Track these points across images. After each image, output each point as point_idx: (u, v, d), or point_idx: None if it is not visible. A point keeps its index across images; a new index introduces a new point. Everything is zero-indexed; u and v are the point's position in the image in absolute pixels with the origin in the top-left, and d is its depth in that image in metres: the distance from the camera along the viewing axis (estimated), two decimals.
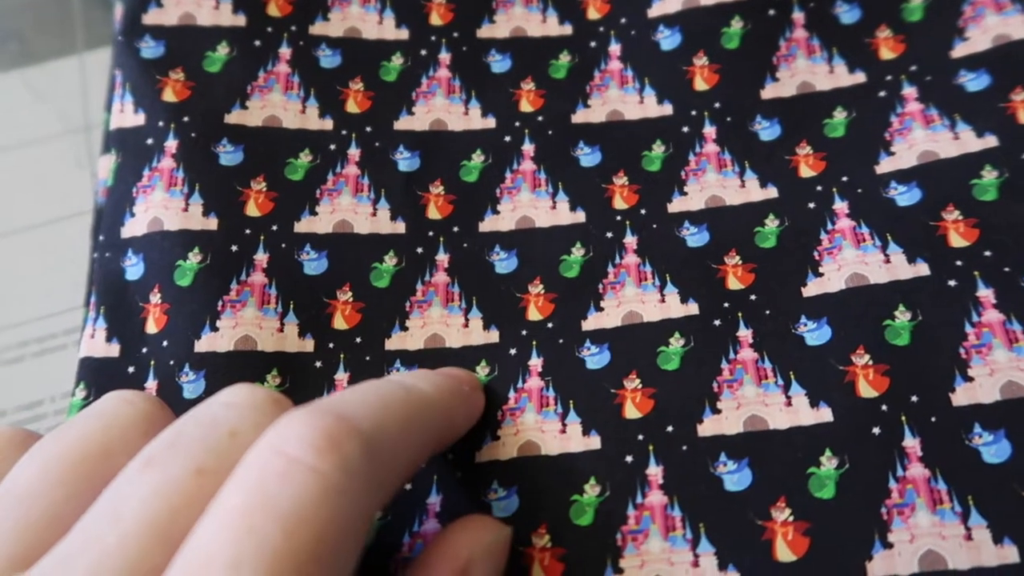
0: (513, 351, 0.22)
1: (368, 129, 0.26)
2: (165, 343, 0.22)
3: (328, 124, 0.26)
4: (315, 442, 0.14)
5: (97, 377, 0.22)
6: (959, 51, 0.25)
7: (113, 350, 0.22)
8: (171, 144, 0.25)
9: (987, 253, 0.22)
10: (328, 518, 0.14)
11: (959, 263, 0.22)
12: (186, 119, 0.25)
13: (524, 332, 0.22)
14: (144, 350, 0.22)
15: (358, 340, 0.23)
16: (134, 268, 0.23)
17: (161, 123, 0.25)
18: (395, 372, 0.22)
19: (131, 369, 0.22)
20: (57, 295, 0.26)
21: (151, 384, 0.22)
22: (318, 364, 0.22)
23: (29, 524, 0.15)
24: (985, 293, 0.21)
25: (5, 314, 0.26)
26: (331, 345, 0.22)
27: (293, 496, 0.14)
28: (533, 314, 0.23)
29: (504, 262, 0.23)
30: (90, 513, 0.15)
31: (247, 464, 0.14)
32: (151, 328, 0.22)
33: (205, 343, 0.22)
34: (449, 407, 0.19)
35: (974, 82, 0.24)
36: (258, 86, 0.26)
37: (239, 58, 0.26)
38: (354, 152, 0.25)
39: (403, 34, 0.27)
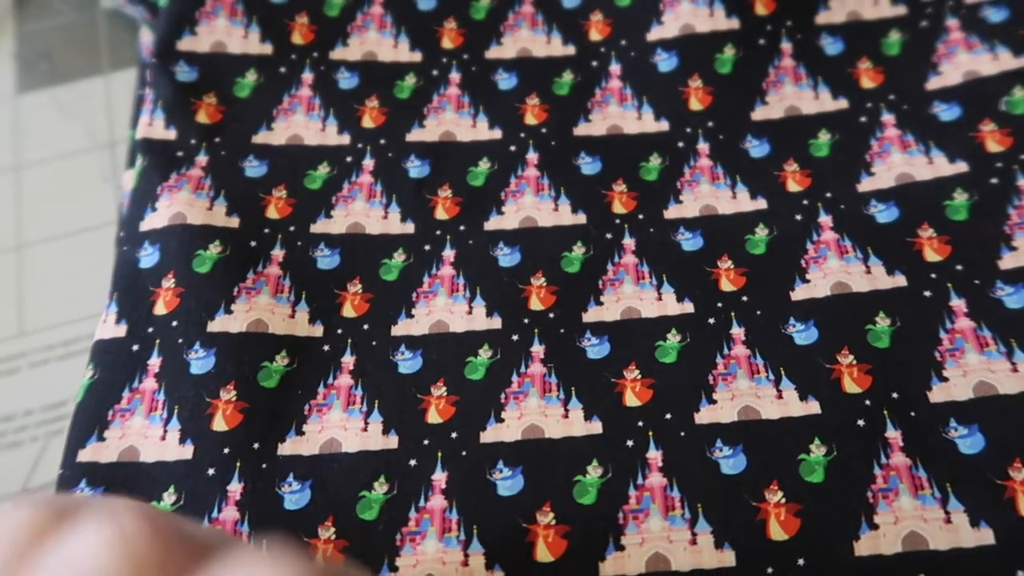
0: (515, 337, 0.23)
1: (382, 142, 0.27)
2: (175, 323, 0.23)
3: (345, 139, 0.27)
4: None
5: (103, 357, 0.23)
6: (933, 84, 0.27)
7: (120, 331, 0.23)
8: (201, 159, 0.26)
9: (959, 267, 0.23)
10: None
11: (933, 275, 0.23)
12: (217, 139, 0.27)
13: (526, 320, 0.23)
14: (150, 330, 0.23)
15: (365, 327, 0.23)
16: (148, 257, 0.24)
17: (193, 141, 0.26)
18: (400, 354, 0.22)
19: (135, 347, 0.23)
20: (81, 301, 0.27)
21: (154, 361, 0.22)
22: (326, 348, 0.23)
23: None
24: (958, 303, 0.23)
25: (32, 319, 0.27)
26: (339, 331, 0.23)
27: None
28: (535, 304, 0.24)
29: (508, 256, 0.25)
30: None
31: None
32: (160, 310, 0.23)
33: (218, 324, 0.23)
34: None
35: (946, 112, 0.26)
36: (283, 109, 0.27)
37: (266, 84, 0.28)
38: (368, 163, 0.27)
39: (416, 56, 0.29)
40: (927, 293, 0.23)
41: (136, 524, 0.12)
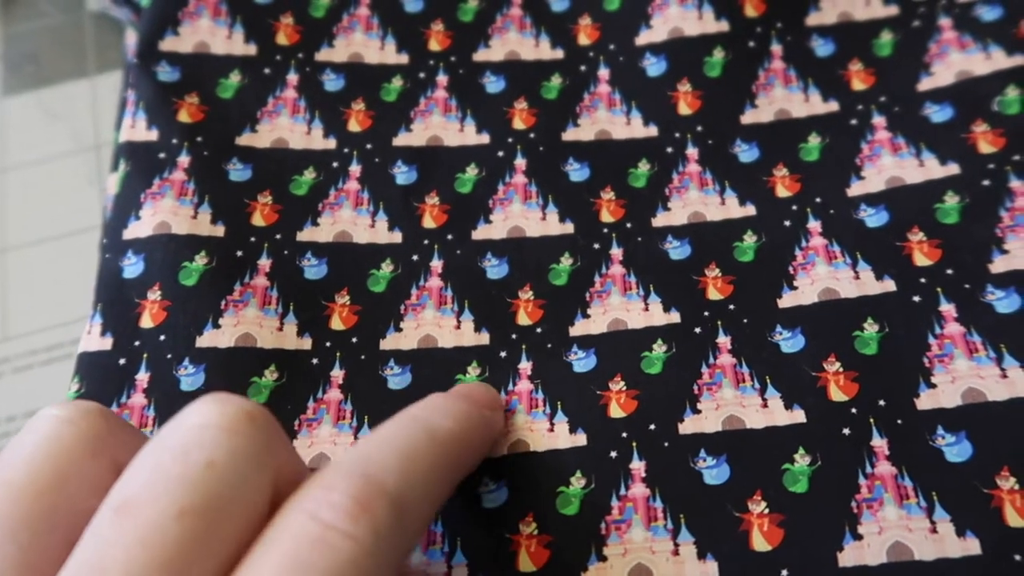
0: (503, 354, 0.23)
1: (368, 146, 0.27)
2: (162, 337, 0.23)
3: (331, 143, 0.27)
4: (347, 508, 0.15)
5: (89, 370, 0.23)
6: (925, 85, 0.27)
7: (106, 343, 0.23)
8: (184, 160, 0.26)
9: (949, 271, 0.23)
10: None
11: (923, 280, 0.23)
12: (199, 139, 0.26)
13: (514, 336, 0.23)
14: (136, 343, 0.23)
15: (354, 340, 0.23)
16: (132, 267, 0.24)
17: (175, 140, 0.26)
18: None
19: (122, 361, 0.23)
20: (65, 306, 0.27)
21: (142, 376, 0.22)
22: (315, 361, 0.23)
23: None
24: (947, 308, 0.23)
25: (15, 324, 0.27)
26: (328, 344, 0.23)
27: (330, 562, 0.14)
28: (523, 319, 0.24)
29: (495, 268, 0.25)
30: (73, 563, 0.14)
31: (280, 528, 0.15)
32: (146, 323, 0.23)
33: (207, 339, 0.23)
34: (471, 439, 0.19)
35: (938, 114, 0.26)
36: (267, 111, 0.27)
37: (250, 86, 0.28)
38: (355, 168, 0.26)
39: (403, 59, 0.29)
40: (916, 298, 0.23)
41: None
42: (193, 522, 0.14)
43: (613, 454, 0.21)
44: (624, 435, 0.21)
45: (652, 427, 0.21)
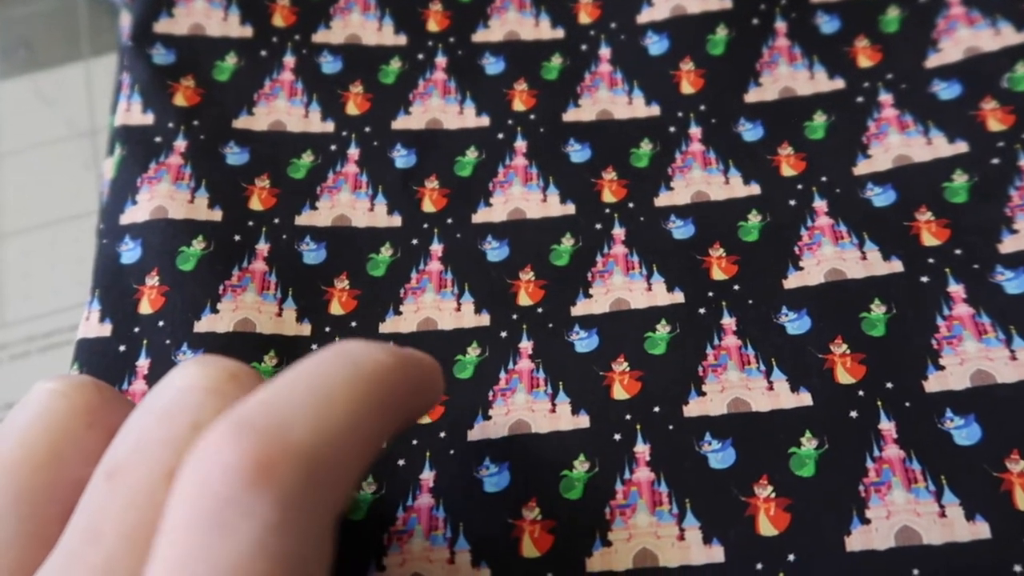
0: (504, 334, 0.23)
1: (367, 129, 0.26)
2: (161, 323, 0.23)
3: (329, 126, 0.26)
4: (245, 475, 0.13)
5: (89, 356, 0.22)
6: (932, 61, 0.26)
7: (105, 330, 0.23)
8: (180, 144, 0.25)
9: (957, 251, 0.23)
10: (271, 561, 0.12)
11: (931, 260, 0.23)
12: (196, 123, 0.26)
13: (515, 316, 0.23)
14: (136, 329, 0.23)
15: (353, 324, 0.23)
16: (130, 252, 0.24)
17: (171, 124, 0.26)
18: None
19: (122, 348, 0.22)
20: (62, 292, 0.27)
21: (143, 362, 0.22)
22: (314, 347, 0.23)
23: (3, 547, 0.15)
24: (956, 288, 0.22)
25: (12, 310, 0.27)
26: (327, 329, 0.23)
27: (229, 545, 0.12)
28: (523, 299, 0.23)
29: (496, 250, 0.24)
30: (69, 532, 0.14)
31: (177, 500, 0.13)
32: (145, 309, 0.23)
33: (205, 324, 0.22)
34: (408, 376, 0.16)
35: (946, 91, 0.26)
36: (264, 94, 0.27)
37: (247, 68, 0.27)
38: (353, 152, 0.26)
39: (401, 40, 0.28)
40: (924, 279, 0.23)
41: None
42: None
43: (617, 437, 0.21)
44: (628, 417, 0.21)
45: (656, 409, 0.21)
